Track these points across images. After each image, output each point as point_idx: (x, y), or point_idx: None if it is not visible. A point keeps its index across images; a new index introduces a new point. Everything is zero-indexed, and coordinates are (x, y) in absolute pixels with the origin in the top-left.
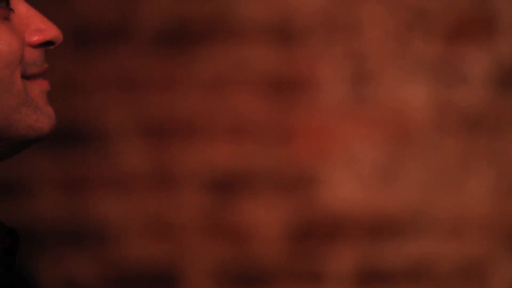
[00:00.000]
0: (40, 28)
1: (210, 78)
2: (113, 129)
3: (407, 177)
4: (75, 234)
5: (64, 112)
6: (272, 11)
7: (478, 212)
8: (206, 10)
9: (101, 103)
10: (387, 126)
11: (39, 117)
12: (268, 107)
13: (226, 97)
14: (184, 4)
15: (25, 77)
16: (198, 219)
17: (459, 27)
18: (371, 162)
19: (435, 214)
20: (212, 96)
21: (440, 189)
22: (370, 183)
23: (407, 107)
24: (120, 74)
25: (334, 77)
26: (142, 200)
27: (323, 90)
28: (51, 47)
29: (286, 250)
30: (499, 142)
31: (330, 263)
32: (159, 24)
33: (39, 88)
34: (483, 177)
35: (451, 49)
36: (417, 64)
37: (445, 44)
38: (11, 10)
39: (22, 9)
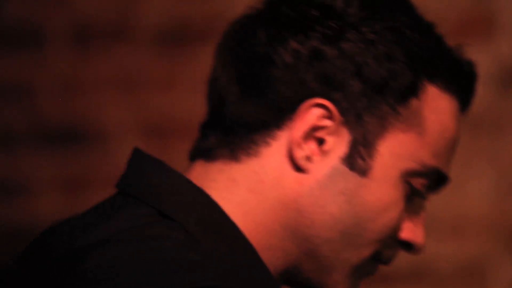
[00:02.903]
0: (413, 229)
1: None
2: (113, 128)
3: None
4: None
5: (64, 111)
6: None
7: (478, 212)
8: (206, 10)
9: (101, 103)
10: None
11: (336, 285)
12: None
13: None
14: (184, 3)
15: (373, 255)
16: None
17: (459, 26)
18: None
19: (435, 214)
20: None
21: None
22: None
23: None
24: (119, 73)
25: None
26: None
27: None
28: (407, 250)
29: None
30: (500, 142)
31: None
32: (159, 24)
33: (368, 270)
34: (484, 177)
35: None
36: None
37: None
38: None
39: (418, 204)
